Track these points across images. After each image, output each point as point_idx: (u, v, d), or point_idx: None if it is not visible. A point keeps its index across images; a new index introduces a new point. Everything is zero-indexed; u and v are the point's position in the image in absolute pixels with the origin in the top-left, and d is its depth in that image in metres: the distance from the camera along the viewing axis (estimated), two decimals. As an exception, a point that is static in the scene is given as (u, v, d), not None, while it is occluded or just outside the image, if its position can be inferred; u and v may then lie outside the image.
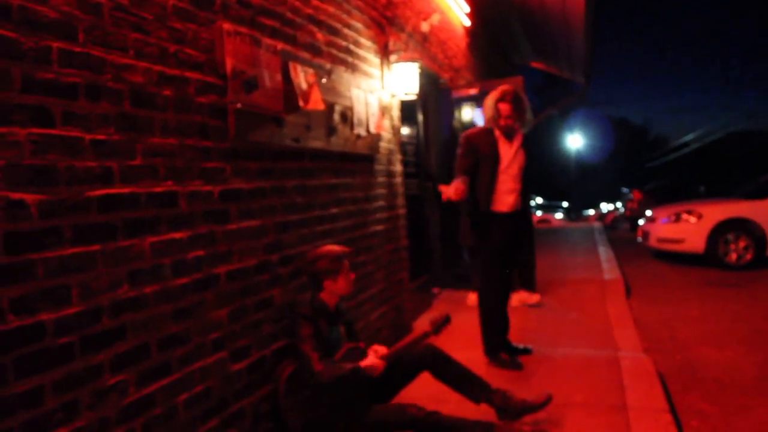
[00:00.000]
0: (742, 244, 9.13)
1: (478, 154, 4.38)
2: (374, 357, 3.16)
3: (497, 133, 4.42)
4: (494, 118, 4.36)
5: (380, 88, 5.02)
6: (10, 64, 1.85)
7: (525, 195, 4.55)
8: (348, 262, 3.32)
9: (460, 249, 6.89)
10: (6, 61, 1.84)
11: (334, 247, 3.35)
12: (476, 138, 4.44)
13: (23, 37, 1.90)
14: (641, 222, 12.00)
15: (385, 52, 5.18)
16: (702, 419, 3.71)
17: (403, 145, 5.82)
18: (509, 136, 4.43)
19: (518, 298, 6.48)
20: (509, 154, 4.40)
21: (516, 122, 4.38)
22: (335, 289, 3.26)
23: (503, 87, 4.40)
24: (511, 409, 3.32)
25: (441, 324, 3.35)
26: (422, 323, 3.61)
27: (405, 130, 6.10)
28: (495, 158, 4.38)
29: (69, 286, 2.03)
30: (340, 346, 3.23)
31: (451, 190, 3.81)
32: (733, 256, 9.17)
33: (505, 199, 4.41)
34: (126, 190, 2.30)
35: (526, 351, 4.72)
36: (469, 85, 7.72)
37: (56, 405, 1.95)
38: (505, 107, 4.30)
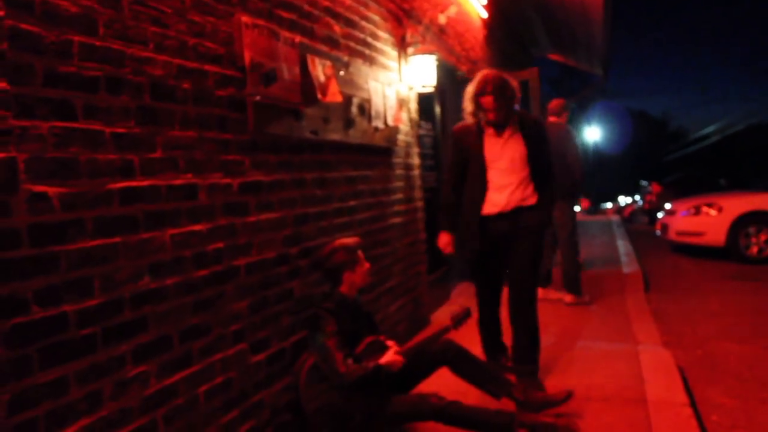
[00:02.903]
0: (763, 237, 9.00)
1: (466, 152, 3.94)
2: (393, 353, 3.14)
3: (485, 126, 3.89)
4: (476, 114, 3.85)
5: (398, 81, 5.01)
6: (33, 58, 1.87)
7: (533, 186, 3.89)
8: (362, 252, 3.31)
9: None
10: (29, 55, 1.86)
11: (347, 239, 3.33)
12: (462, 133, 3.99)
13: (45, 32, 1.92)
14: (660, 215, 11.89)
15: (402, 45, 5.17)
16: (722, 413, 3.67)
17: (420, 137, 5.80)
18: (500, 127, 3.86)
19: (558, 295, 6.37)
20: (495, 148, 3.86)
21: (505, 113, 3.77)
22: (355, 280, 3.22)
23: (482, 76, 3.80)
24: (531, 404, 3.30)
25: (461, 318, 3.34)
26: (441, 316, 3.58)
27: (423, 123, 6.08)
28: (479, 156, 3.87)
29: (91, 278, 2.05)
30: (360, 340, 3.23)
31: (441, 244, 3.60)
32: (754, 250, 9.04)
33: (495, 199, 3.84)
34: (146, 183, 2.31)
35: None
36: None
37: (80, 395, 1.98)
38: (487, 101, 3.71)
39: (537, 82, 6.58)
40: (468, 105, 3.84)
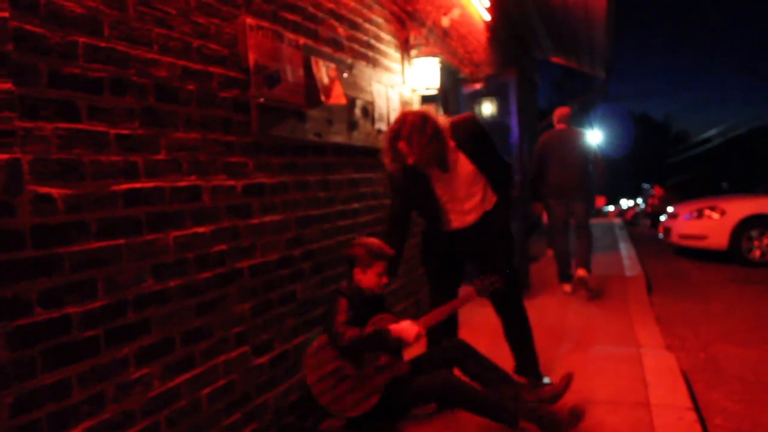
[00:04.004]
0: (766, 240, 8.98)
1: (411, 195, 3.49)
2: (410, 323, 3.13)
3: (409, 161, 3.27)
4: (395, 160, 3.30)
5: (401, 83, 5.01)
6: (38, 59, 1.87)
7: (491, 190, 3.59)
8: (383, 264, 3.25)
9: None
10: (34, 56, 1.86)
11: (379, 243, 3.25)
12: (398, 176, 3.44)
13: (50, 33, 1.91)
14: (662, 218, 11.88)
15: (405, 47, 5.16)
16: (726, 417, 3.65)
17: (423, 140, 5.78)
18: (441, 163, 3.32)
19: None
20: (446, 184, 3.44)
21: (428, 154, 3.17)
22: (361, 280, 3.19)
23: (393, 123, 3.30)
24: (543, 400, 3.31)
25: (485, 287, 3.36)
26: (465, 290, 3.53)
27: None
28: (430, 197, 3.47)
29: (94, 280, 2.05)
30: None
31: (412, 335, 3.08)
32: (757, 253, 9.03)
33: (460, 220, 3.57)
34: (150, 185, 2.31)
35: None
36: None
37: (82, 397, 1.97)
38: (402, 146, 3.19)
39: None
40: (387, 155, 3.32)
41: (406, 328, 3.07)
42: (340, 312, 3.03)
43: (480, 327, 4.76)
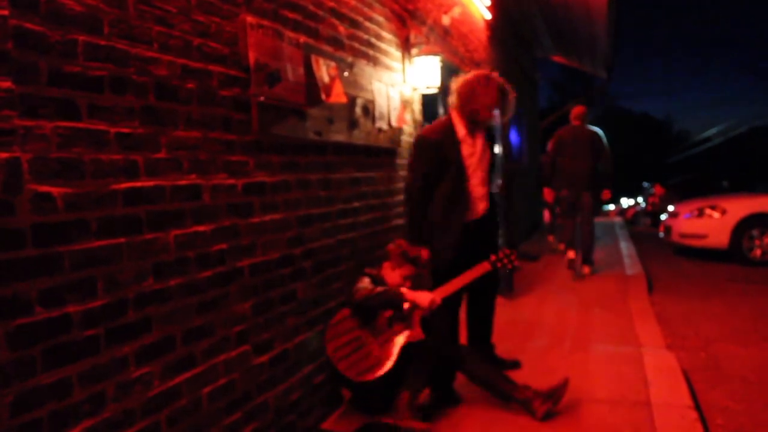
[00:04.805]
0: (767, 239, 8.99)
1: (442, 160, 3.73)
2: (427, 292, 3.24)
3: (458, 128, 3.78)
4: (464, 108, 3.72)
5: (402, 82, 5.00)
6: (38, 58, 1.86)
7: (492, 195, 4.02)
8: (411, 270, 3.43)
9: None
10: (33, 54, 1.85)
11: (416, 251, 3.58)
12: (438, 137, 3.76)
13: (50, 31, 1.91)
14: (663, 217, 11.88)
15: (406, 46, 5.16)
16: (727, 417, 3.65)
17: (423, 139, 5.78)
18: (474, 131, 3.80)
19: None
20: (475, 157, 3.82)
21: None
22: (387, 275, 3.39)
23: (485, 71, 3.80)
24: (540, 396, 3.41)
25: (500, 260, 3.46)
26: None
27: (426, 125, 6.06)
28: (459, 165, 3.76)
29: (95, 279, 2.04)
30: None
31: (426, 302, 3.29)
32: (758, 252, 9.03)
33: (474, 207, 3.88)
34: (150, 184, 2.30)
35: (514, 365, 4.28)
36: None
37: (83, 396, 1.97)
38: (493, 97, 3.63)
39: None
40: (465, 97, 3.71)
41: (421, 294, 3.20)
42: (361, 283, 3.33)
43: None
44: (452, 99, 3.83)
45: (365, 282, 3.32)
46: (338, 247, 3.75)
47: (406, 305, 3.25)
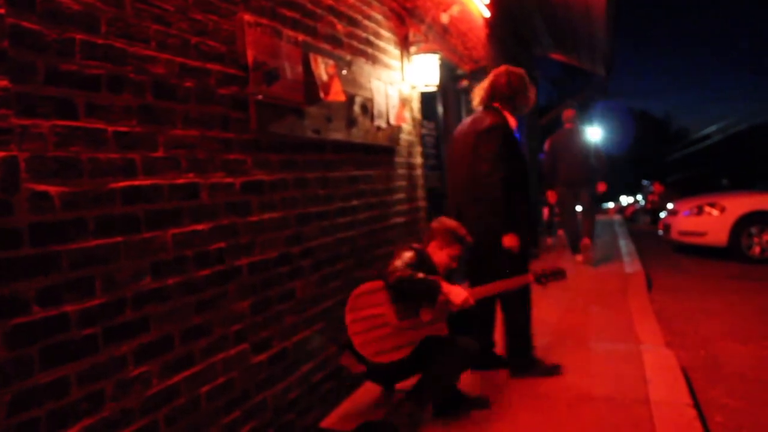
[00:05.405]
0: (766, 237, 8.99)
1: (512, 150, 3.96)
2: (463, 288, 3.19)
3: (510, 120, 4.04)
4: (519, 99, 4.05)
5: (400, 80, 4.99)
6: (35, 57, 1.86)
7: None
8: (459, 249, 3.48)
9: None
10: (30, 53, 1.85)
11: (460, 228, 3.51)
12: (508, 129, 3.99)
13: (47, 29, 1.90)
14: (662, 215, 11.89)
15: (405, 44, 5.15)
16: (727, 414, 3.65)
17: (423, 137, 5.78)
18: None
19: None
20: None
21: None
22: (434, 253, 3.37)
23: (519, 69, 4.12)
24: None
25: (544, 275, 3.47)
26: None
27: (425, 122, 6.06)
28: (521, 155, 4.03)
29: (92, 278, 2.04)
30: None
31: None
32: (757, 250, 9.03)
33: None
34: (148, 182, 2.30)
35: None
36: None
37: (81, 395, 1.97)
38: (534, 90, 4.05)
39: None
40: (519, 91, 4.03)
41: (457, 289, 3.12)
42: (403, 259, 3.18)
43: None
44: (499, 92, 4.05)
45: (407, 257, 3.19)
46: (337, 246, 3.75)
47: (441, 298, 3.14)
